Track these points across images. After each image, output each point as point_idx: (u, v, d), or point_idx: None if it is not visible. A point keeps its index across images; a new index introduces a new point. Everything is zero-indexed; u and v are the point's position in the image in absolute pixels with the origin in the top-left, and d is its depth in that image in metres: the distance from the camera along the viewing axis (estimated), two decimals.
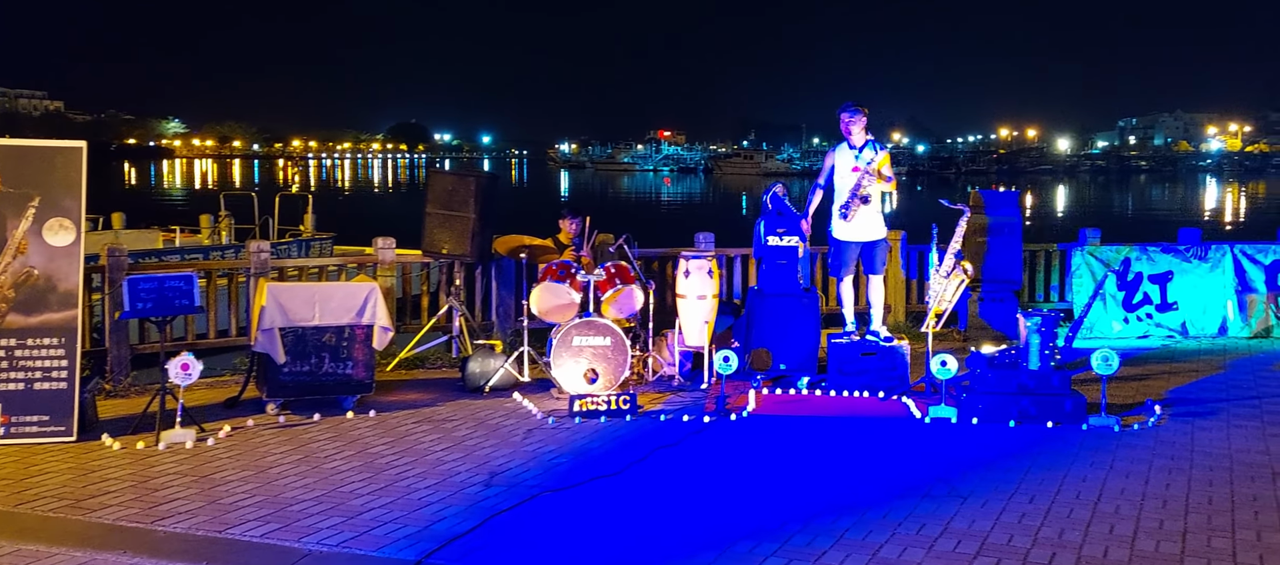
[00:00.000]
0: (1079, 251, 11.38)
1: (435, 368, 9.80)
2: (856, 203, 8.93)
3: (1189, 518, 5.61)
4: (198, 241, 20.65)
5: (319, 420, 7.74)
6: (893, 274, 11.28)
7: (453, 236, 9.82)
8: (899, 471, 6.45)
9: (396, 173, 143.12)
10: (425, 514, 5.65)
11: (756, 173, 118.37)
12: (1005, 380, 7.70)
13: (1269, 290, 11.25)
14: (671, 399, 8.50)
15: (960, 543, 5.23)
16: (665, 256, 10.76)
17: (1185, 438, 7.24)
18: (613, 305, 8.96)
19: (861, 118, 8.97)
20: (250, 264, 9.77)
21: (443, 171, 10.36)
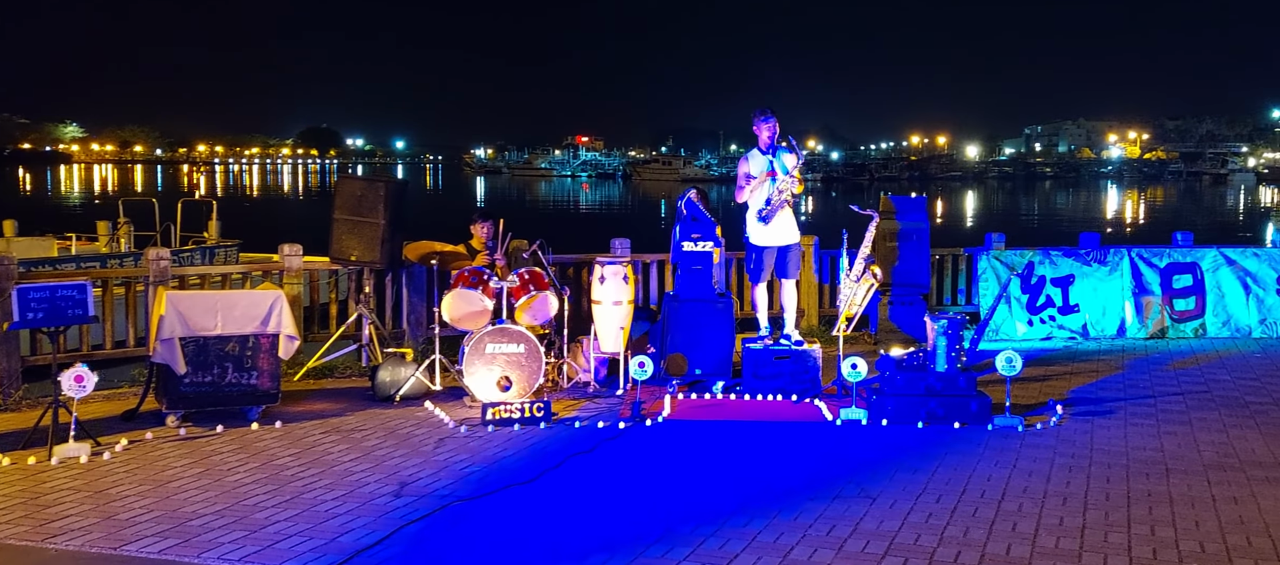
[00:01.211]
0: (985, 256, 11.64)
1: (344, 377, 9.62)
2: (779, 207, 9.02)
3: (1088, 514, 5.75)
4: (95, 249, 20.00)
5: (222, 432, 7.53)
6: (806, 278, 11.41)
7: (362, 243, 9.66)
8: (811, 474, 6.50)
9: (306, 178, 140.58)
10: (332, 526, 5.53)
11: (675, 179, 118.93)
12: (914, 382, 7.82)
13: (1164, 293, 11.64)
14: (587, 406, 8.46)
15: (869, 543, 5.29)
16: (581, 262, 10.72)
17: (1085, 436, 7.43)
18: (527, 312, 8.89)
19: (773, 123, 9.06)
20: (149, 272, 9.48)
21: (351, 177, 10.19)
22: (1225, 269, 11.68)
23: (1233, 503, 5.94)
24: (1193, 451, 7.02)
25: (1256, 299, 11.64)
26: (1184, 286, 11.67)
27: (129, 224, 20.61)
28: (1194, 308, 11.65)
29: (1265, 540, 5.34)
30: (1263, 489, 6.18)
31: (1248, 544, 5.29)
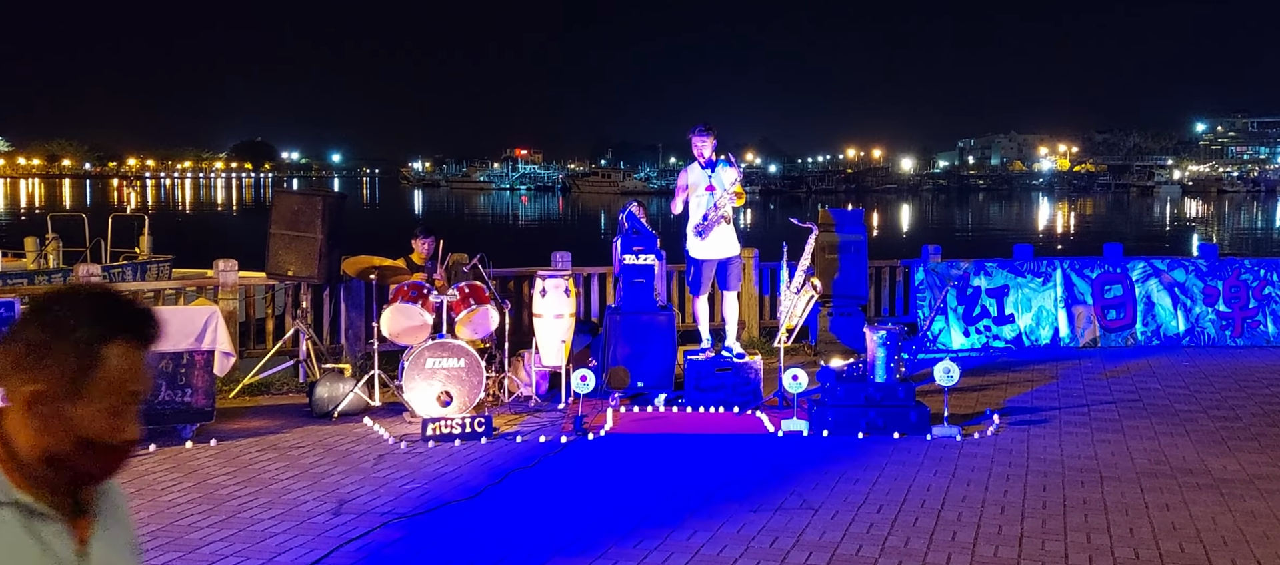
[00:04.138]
0: (922, 267, 11.80)
1: (281, 393, 9.46)
2: (717, 221, 9.05)
3: (1025, 522, 5.84)
4: (22, 266, 19.48)
5: (155, 451, 7.36)
6: (747, 291, 11.47)
7: (299, 258, 9.52)
8: (753, 486, 6.52)
9: (241, 192, 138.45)
10: (269, 546, 5.43)
11: (614, 192, 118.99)
12: (854, 393, 7.89)
13: (1095, 303, 11.89)
14: (528, 420, 8.41)
15: (812, 554, 5.31)
16: (521, 276, 10.67)
17: (1022, 445, 7.55)
18: (467, 326, 8.82)
19: (711, 139, 9.11)
20: None
21: (288, 191, 10.06)
22: (1154, 279, 11.97)
23: (1165, 510, 6.07)
24: (1126, 459, 7.17)
25: (1184, 309, 11.94)
26: (1115, 297, 11.93)
27: (57, 240, 20.11)
28: (1125, 317, 11.91)
29: (1197, 547, 5.46)
30: (1194, 496, 6.33)
31: (1180, 550, 5.40)
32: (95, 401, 1.67)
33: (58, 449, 1.68)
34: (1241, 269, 12.09)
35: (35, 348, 1.66)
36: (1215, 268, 12.02)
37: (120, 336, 1.69)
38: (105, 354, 1.67)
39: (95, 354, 1.67)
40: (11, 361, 1.67)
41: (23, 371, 1.66)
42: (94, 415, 1.68)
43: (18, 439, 1.69)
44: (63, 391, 1.66)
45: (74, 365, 1.66)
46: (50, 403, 1.66)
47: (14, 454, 1.69)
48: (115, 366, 1.68)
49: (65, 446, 1.68)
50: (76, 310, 1.68)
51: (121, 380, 1.69)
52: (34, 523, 1.69)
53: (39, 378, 1.66)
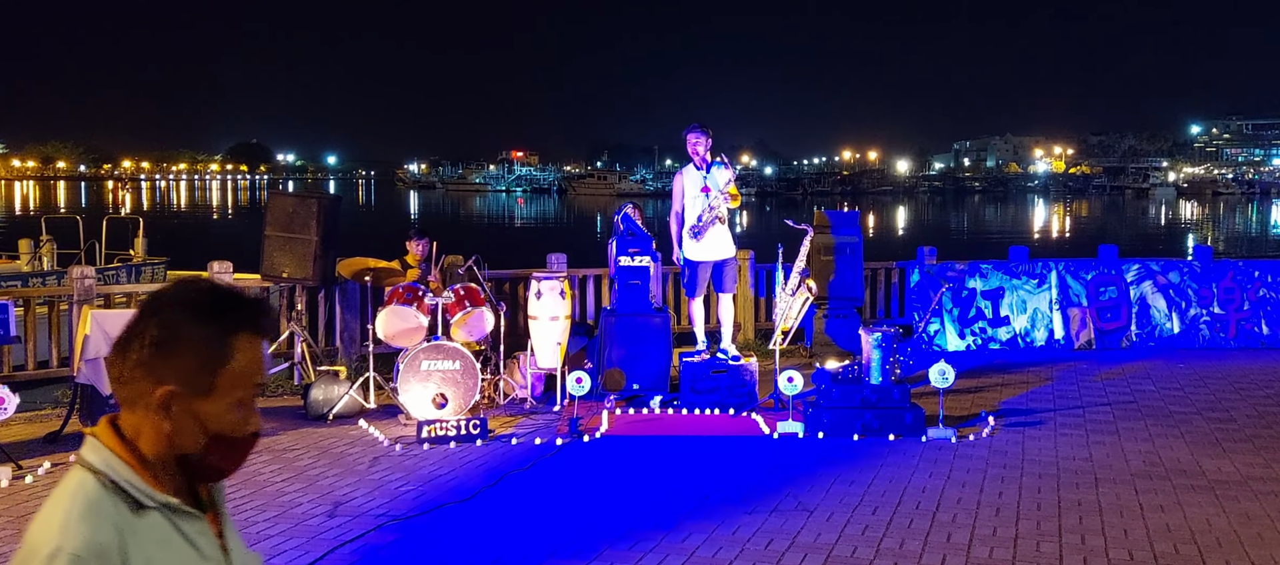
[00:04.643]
0: (917, 269, 11.81)
1: (276, 395, 9.45)
2: (711, 222, 9.05)
3: (1020, 524, 5.85)
4: (16, 268, 19.44)
5: None
6: (742, 292, 11.47)
7: (294, 260, 9.50)
8: (748, 487, 6.52)
9: (236, 194, 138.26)
10: (263, 548, 5.42)
11: (610, 194, 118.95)
12: (849, 395, 7.89)
13: (1091, 305, 11.91)
14: (524, 422, 8.41)
15: (806, 556, 5.31)
16: (517, 278, 10.66)
17: (1017, 447, 7.56)
18: (462, 328, 8.82)
19: (706, 139, 9.10)
20: (73, 291, 9.24)
21: (283, 193, 10.03)
22: (1149, 281, 11.99)
23: (1160, 511, 6.07)
24: (1121, 461, 7.17)
25: (1179, 311, 11.95)
26: (1110, 299, 11.94)
27: (51, 242, 20.06)
28: (1120, 319, 11.93)
29: (1191, 548, 5.47)
30: (1188, 497, 6.33)
31: (1175, 552, 5.41)
32: (224, 396, 1.69)
33: (190, 447, 1.70)
34: (1236, 271, 12.12)
35: (163, 348, 1.66)
36: (1210, 270, 12.05)
37: (244, 329, 1.70)
38: (233, 348, 1.69)
39: (224, 349, 1.68)
40: (138, 364, 1.66)
41: (152, 373, 1.66)
42: (223, 410, 1.69)
43: (143, 439, 1.69)
44: (195, 389, 1.67)
45: (204, 362, 1.67)
46: (183, 401, 1.67)
47: (142, 455, 1.69)
48: (242, 360, 1.70)
49: (198, 444, 1.70)
50: (197, 307, 1.68)
51: (248, 373, 1.71)
52: (181, 522, 1.71)
53: (170, 377, 1.66)
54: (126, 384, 1.68)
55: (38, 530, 1.62)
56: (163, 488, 1.70)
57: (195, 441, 1.69)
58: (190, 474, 1.73)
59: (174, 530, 1.69)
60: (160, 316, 1.67)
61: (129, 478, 1.67)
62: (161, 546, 1.66)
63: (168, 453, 1.70)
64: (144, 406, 1.67)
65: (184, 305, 1.68)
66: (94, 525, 1.60)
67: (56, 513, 1.62)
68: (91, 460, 1.68)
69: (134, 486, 1.67)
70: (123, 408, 1.70)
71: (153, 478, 1.69)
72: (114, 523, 1.62)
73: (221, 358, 1.68)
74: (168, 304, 1.69)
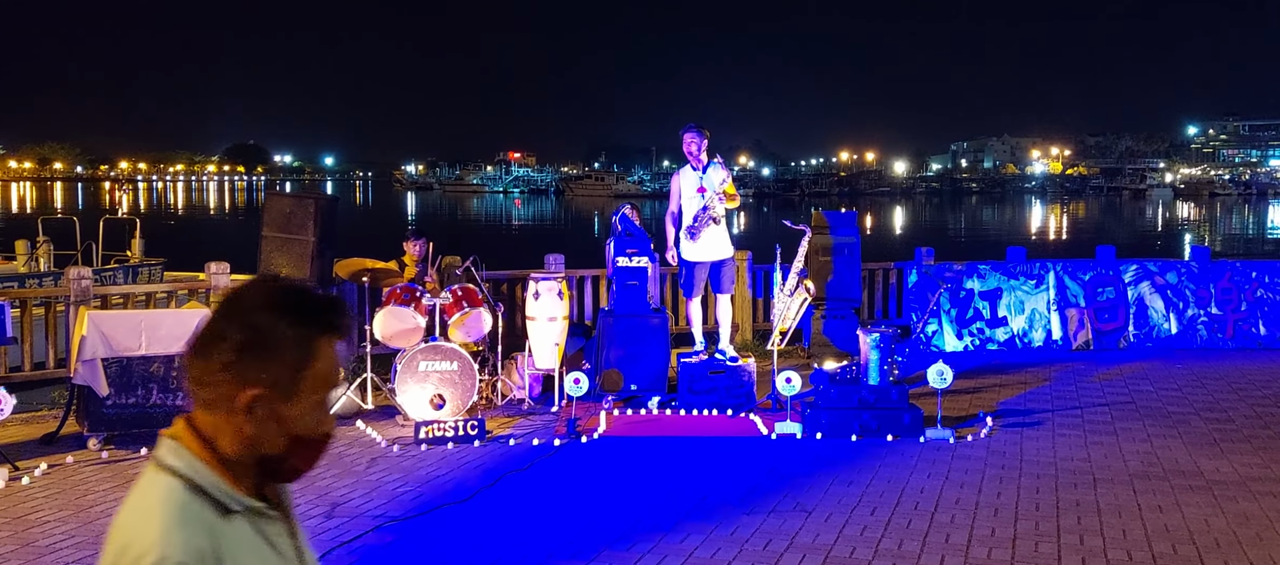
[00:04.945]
0: (915, 270, 11.81)
1: None
2: (706, 223, 9.03)
3: (1018, 525, 5.84)
4: (13, 269, 19.41)
5: (146, 455, 7.33)
6: (740, 293, 11.46)
7: (291, 260, 9.48)
8: (747, 488, 6.52)
9: (233, 195, 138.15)
10: None
11: (608, 194, 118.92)
12: (847, 396, 7.89)
13: (1088, 305, 11.91)
14: (522, 423, 8.40)
15: (805, 557, 5.31)
16: (515, 278, 10.65)
17: (1015, 447, 7.55)
18: (460, 329, 8.81)
19: (704, 139, 9.09)
20: (70, 291, 9.22)
21: (280, 193, 10.02)
22: (1147, 282, 11.99)
23: (1158, 511, 6.07)
24: (1119, 461, 7.17)
25: (1177, 311, 11.96)
26: (1108, 299, 11.95)
27: (48, 243, 20.04)
28: (1117, 320, 11.93)
29: (1190, 548, 5.47)
30: (1186, 498, 6.33)
31: (1173, 552, 5.41)
32: (306, 397, 1.67)
33: (272, 448, 1.68)
34: (1233, 271, 12.13)
35: (247, 350, 1.63)
36: (1207, 270, 12.05)
37: (327, 331, 1.69)
38: (317, 350, 1.67)
39: (308, 351, 1.67)
40: (223, 367, 1.64)
41: (238, 376, 1.63)
42: (304, 411, 1.68)
43: (223, 441, 1.67)
44: (280, 391, 1.65)
45: (290, 364, 1.65)
46: (268, 404, 1.65)
47: (223, 456, 1.67)
48: (324, 362, 1.69)
49: (279, 445, 1.68)
50: (282, 309, 1.66)
51: (329, 374, 1.70)
52: (264, 526, 1.70)
53: (258, 381, 1.64)
54: (208, 386, 1.65)
55: (131, 535, 1.60)
56: (243, 490, 1.69)
57: (277, 443, 1.68)
58: (266, 475, 1.72)
59: (257, 534, 1.68)
60: (245, 319, 1.65)
61: (213, 481, 1.65)
62: (248, 551, 1.66)
63: (248, 455, 1.68)
64: (226, 409, 1.65)
65: (268, 307, 1.66)
66: (191, 531, 1.59)
67: (151, 518, 1.60)
68: (174, 464, 1.66)
69: (220, 490, 1.65)
70: (200, 409, 1.68)
71: (234, 480, 1.68)
72: (205, 527, 1.61)
73: (306, 360, 1.66)
74: (252, 306, 1.66)
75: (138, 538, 1.58)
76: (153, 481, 1.65)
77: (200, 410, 1.68)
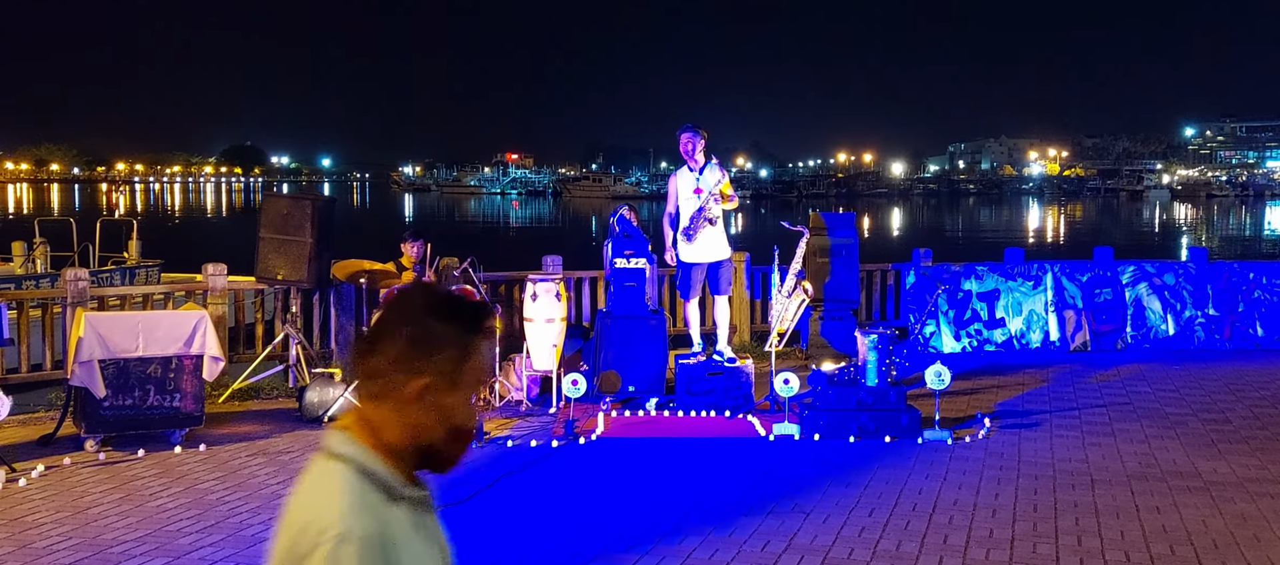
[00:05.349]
0: (913, 271, 11.81)
1: (271, 398, 9.42)
2: (702, 224, 9.03)
3: (1016, 526, 5.84)
4: (10, 270, 19.38)
5: (143, 456, 7.32)
6: (738, 294, 11.45)
7: (288, 262, 9.49)
8: (745, 489, 6.51)
9: (230, 197, 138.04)
10: (258, 550, 5.40)
11: (605, 196, 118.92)
12: (845, 397, 7.89)
13: (1086, 306, 11.92)
14: (520, 424, 8.39)
15: (804, 558, 5.30)
16: (512, 280, 10.64)
17: (1012, 448, 7.55)
18: None
19: (701, 140, 9.08)
20: (67, 293, 9.21)
21: (278, 195, 10.04)
22: (1144, 283, 12.00)
23: (1156, 512, 6.07)
24: (1116, 462, 7.18)
25: (1174, 312, 11.97)
26: (1105, 300, 11.95)
27: (45, 244, 20.01)
28: (1115, 321, 11.93)
29: (1188, 549, 5.47)
30: (1184, 499, 6.33)
31: (1171, 553, 5.41)
32: (464, 390, 1.83)
33: (432, 438, 1.83)
34: (1231, 273, 12.14)
35: (420, 343, 1.79)
36: (1205, 271, 12.06)
37: (480, 331, 1.85)
38: (474, 347, 1.84)
39: (466, 348, 1.82)
40: (395, 358, 1.79)
41: (407, 366, 1.78)
42: (461, 402, 1.84)
43: (388, 430, 1.81)
44: (445, 382, 1.80)
45: (453, 358, 1.81)
46: (434, 394, 1.80)
47: (388, 446, 1.81)
48: (480, 358, 1.85)
49: (439, 435, 1.83)
50: (446, 310, 1.82)
51: (481, 370, 1.86)
52: (420, 514, 1.84)
53: (426, 370, 1.79)
54: (377, 378, 1.80)
55: (311, 515, 1.72)
56: (403, 477, 1.82)
57: (437, 433, 1.82)
58: (423, 465, 1.86)
59: (415, 521, 1.81)
60: (415, 317, 1.81)
61: (381, 469, 1.79)
62: (409, 536, 1.77)
63: (411, 444, 1.82)
64: (394, 400, 1.79)
65: (434, 308, 1.82)
66: (370, 514, 1.72)
67: (331, 500, 1.72)
68: (346, 452, 1.79)
69: (387, 477, 1.79)
70: (368, 402, 1.82)
71: (397, 469, 1.81)
72: (376, 511, 1.74)
73: (466, 355, 1.82)
74: (420, 307, 1.82)
75: (319, 516, 1.71)
76: (325, 469, 1.79)
77: (368, 403, 1.82)
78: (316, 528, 1.69)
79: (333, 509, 1.71)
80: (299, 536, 1.71)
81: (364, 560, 1.68)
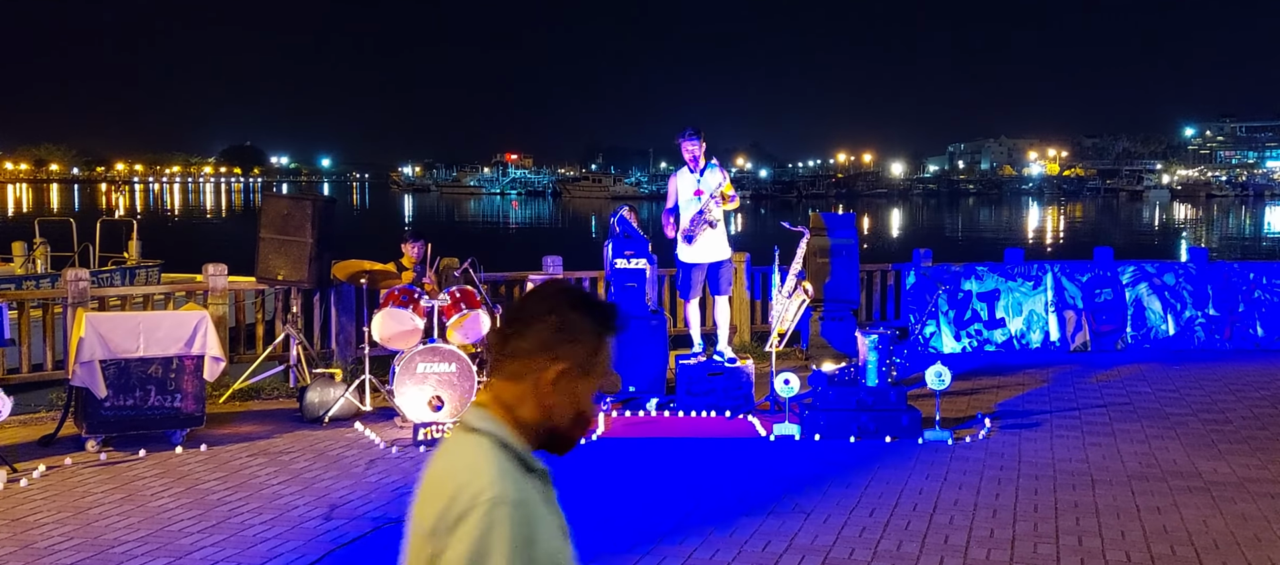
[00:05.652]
0: (913, 271, 11.81)
1: (271, 398, 9.42)
2: (702, 226, 9.03)
3: (1017, 526, 5.85)
4: (10, 271, 19.38)
5: (145, 456, 7.33)
6: (738, 295, 11.46)
7: (289, 262, 9.49)
8: (746, 489, 6.52)
9: (230, 197, 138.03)
10: (260, 550, 5.40)
11: (605, 196, 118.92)
12: (845, 397, 7.89)
13: (1086, 307, 11.92)
14: None
15: (804, 558, 5.31)
16: (512, 280, 10.65)
17: (1013, 449, 7.56)
18: (458, 331, 8.80)
19: (700, 142, 9.09)
20: (67, 293, 9.21)
21: (278, 195, 10.03)
22: (1144, 283, 12.00)
23: (1156, 512, 6.08)
24: (1117, 462, 7.18)
25: (1174, 312, 11.97)
26: (1105, 300, 11.96)
27: (45, 244, 20.02)
28: (1115, 321, 11.94)
29: (1188, 549, 5.47)
30: (1185, 499, 6.34)
31: (1171, 553, 5.41)
32: (592, 380, 2.00)
33: (561, 420, 1.99)
34: (1231, 273, 12.14)
35: (563, 332, 1.96)
36: (1205, 272, 12.07)
37: (611, 329, 2.02)
38: (605, 343, 2.01)
39: (599, 341, 2.00)
40: (539, 343, 1.95)
41: (550, 351, 1.95)
42: (587, 392, 2.00)
43: (523, 408, 1.97)
44: (579, 370, 1.97)
45: (588, 349, 1.98)
46: (569, 379, 1.97)
47: (521, 422, 1.97)
48: (606, 353, 2.02)
49: (566, 418, 1.99)
50: (586, 306, 1.99)
51: (607, 364, 2.03)
52: (546, 488, 1.99)
53: (566, 357, 1.96)
54: (519, 358, 1.96)
55: (461, 481, 1.85)
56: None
57: (565, 416, 1.98)
58: (547, 445, 2.01)
59: (544, 493, 1.95)
60: (560, 308, 1.97)
61: (517, 443, 1.95)
62: (540, 507, 1.91)
63: (543, 423, 1.97)
64: (532, 381, 1.96)
65: (577, 303, 1.99)
66: (514, 482, 1.87)
67: (479, 467, 1.87)
68: (485, 426, 1.94)
69: (523, 450, 1.95)
70: (505, 381, 1.97)
71: (526, 442, 1.97)
72: (517, 481, 1.89)
73: (599, 348, 1.99)
74: (564, 301, 1.98)
75: (470, 482, 1.85)
76: (465, 441, 1.93)
77: (505, 382, 1.98)
78: (470, 491, 1.83)
79: (484, 475, 1.85)
80: (451, 501, 1.84)
81: (514, 522, 1.83)
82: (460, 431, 1.96)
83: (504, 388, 1.97)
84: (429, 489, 1.90)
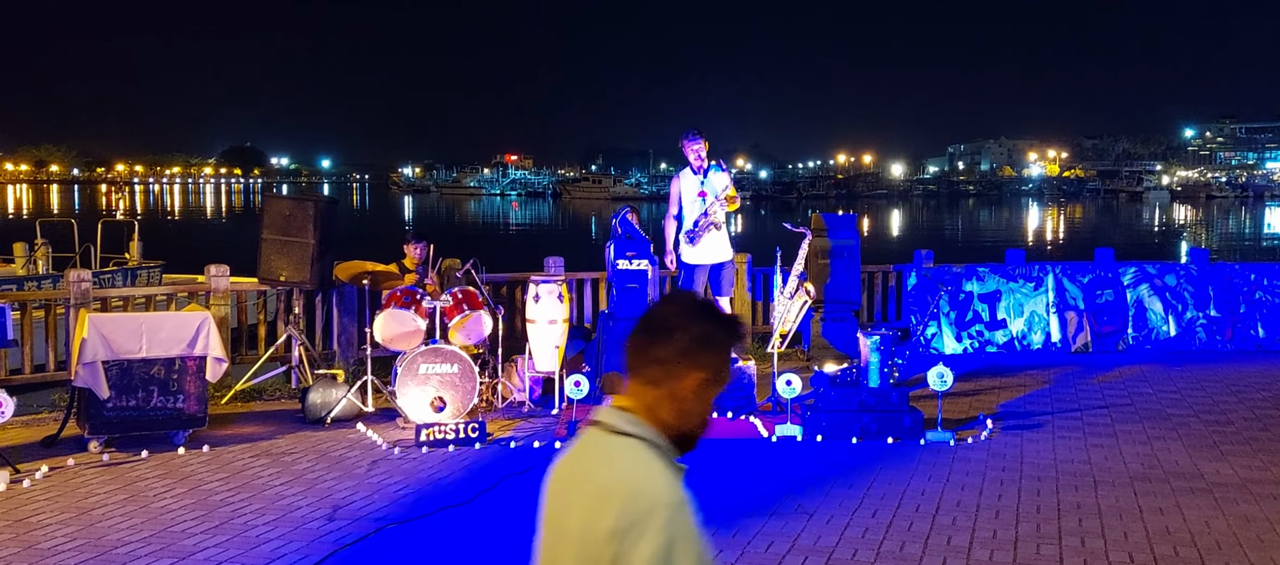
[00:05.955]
0: (914, 272, 11.81)
1: (274, 399, 9.42)
2: (706, 228, 9.04)
3: (1020, 527, 5.85)
4: (11, 272, 19.38)
5: (147, 457, 7.33)
6: (740, 296, 11.46)
7: (291, 263, 9.49)
8: (748, 490, 6.52)
9: (230, 198, 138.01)
10: (263, 551, 5.41)
11: (605, 197, 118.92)
12: (847, 398, 7.90)
13: (1087, 308, 11.93)
14: (522, 425, 8.40)
15: (807, 559, 5.31)
16: (514, 281, 10.65)
17: (1015, 450, 7.56)
18: (460, 331, 8.81)
19: (702, 143, 9.10)
20: (69, 294, 9.21)
21: (279, 196, 10.03)
22: (1146, 284, 12.01)
23: (1159, 513, 6.08)
24: (1119, 463, 7.18)
25: (1175, 313, 11.98)
26: (1106, 301, 11.96)
27: (47, 245, 20.01)
28: (1116, 322, 11.94)
29: (1191, 550, 5.47)
30: (1187, 500, 6.34)
31: (1174, 554, 5.42)
32: (719, 386, 2.10)
33: (693, 424, 2.11)
34: (1232, 274, 12.15)
35: (702, 342, 2.07)
36: (1206, 273, 12.07)
37: (738, 337, 2.13)
38: (730, 352, 2.12)
39: (728, 354, 2.12)
40: (680, 351, 2.06)
41: (692, 360, 2.06)
42: (712, 397, 2.11)
43: (662, 411, 2.07)
44: (714, 378, 2.09)
45: (724, 359, 2.10)
46: (705, 387, 2.08)
47: (662, 424, 2.07)
48: (730, 364, 2.14)
49: (699, 421, 2.11)
50: (719, 320, 2.10)
51: (730, 375, 2.16)
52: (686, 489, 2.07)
53: (706, 365, 2.07)
54: (660, 364, 2.06)
55: (638, 485, 1.96)
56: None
57: (698, 420, 2.10)
58: (679, 446, 2.11)
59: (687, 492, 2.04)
60: (699, 320, 2.08)
61: (665, 444, 2.07)
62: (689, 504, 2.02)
63: (680, 426, 2.09)
64: (670, 386, 2.06)
65: (712, 315, 2.10)
66: (677, 484, 2.00)
67: (651, 471, 1.99)
68: (635, 430, 2.05)
69: (671, 452, 2.07)
70: (643, 385, 2.07)
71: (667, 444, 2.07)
72: (677, 483, 2.02)
73: (728, 359, 2.11)
74: (701, 315, 2.09)
75: (648, 485, 1.97)
76: (620, 444, 2.04)
77: (643, 386, 2.08)
78: (649, 495, 1.95)
79: (658, 479, 1.98)
80: (628, 503, 1.93)
81: (690, 525, 1.97)
82: (606, 433, 2.05)
83: (642, 391, 2.07)
84: (591, 491, 1.98)
